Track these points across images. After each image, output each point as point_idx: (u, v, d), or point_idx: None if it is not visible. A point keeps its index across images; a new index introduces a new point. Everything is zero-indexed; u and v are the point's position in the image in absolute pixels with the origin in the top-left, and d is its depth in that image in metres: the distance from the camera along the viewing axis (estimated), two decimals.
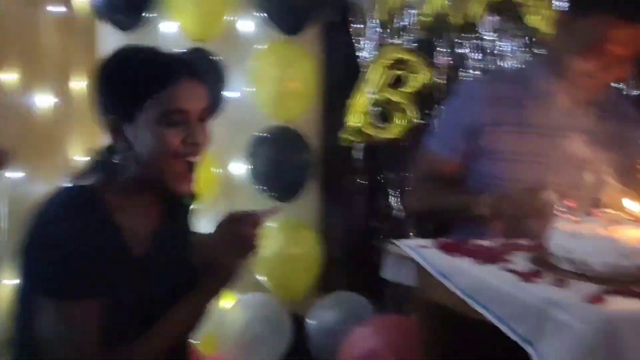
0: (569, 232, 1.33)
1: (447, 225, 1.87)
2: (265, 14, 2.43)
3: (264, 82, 2.44)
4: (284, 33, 2.42)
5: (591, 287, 1.19)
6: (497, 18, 2.48)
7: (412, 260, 1.57)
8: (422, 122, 2.51)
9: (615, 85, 1.67)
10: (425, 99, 2.53)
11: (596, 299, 1.12)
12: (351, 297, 2.43)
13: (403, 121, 2.48)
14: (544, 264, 1.35)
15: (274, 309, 2.42)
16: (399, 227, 2.52)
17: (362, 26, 2.47)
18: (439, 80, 2.52)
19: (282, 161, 2.43)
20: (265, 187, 2.48)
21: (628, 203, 1.42)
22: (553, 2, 2.43)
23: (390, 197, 2.54)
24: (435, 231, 1.83)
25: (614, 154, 1.71)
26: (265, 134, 2.48)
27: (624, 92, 1.84)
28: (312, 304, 2.46)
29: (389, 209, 2.54)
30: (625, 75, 1.62)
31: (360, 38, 2.47)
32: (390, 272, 1.70)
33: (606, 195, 1.51)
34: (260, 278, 2.47)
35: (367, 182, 2.54)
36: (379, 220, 2.54)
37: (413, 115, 2.48)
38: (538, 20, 2.43)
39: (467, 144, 1.77)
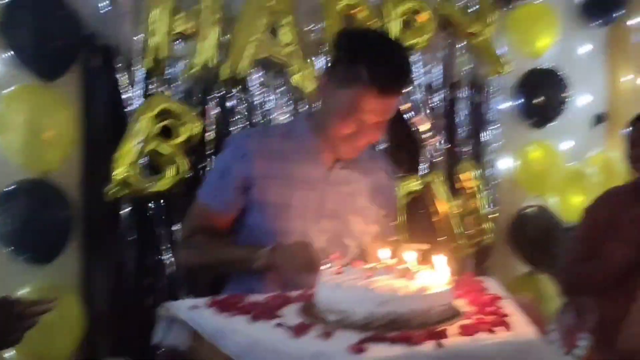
0: (332, 284, 1.42)
1: (223, 281, 1.83)
2: (15, 55, 2.19)
3: (13, 130, 2.18)
4: (38, 76, 2.20)
5: (354, 337, 1.27)
6: (263, 73, 2.56)
7: (185, 322, 1.51)
8: (192, 174, 2.47)
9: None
10: (196, 150, 2.49)
11: (358, 349, 1.21)
12: None
13: (173, 173, 2.40)
14: (313, 316, 1.42)
15: None
16: (172, 285, 2.41)
17: (127, 74, 2.35)
18: (209, 132, 2.50)
19: (35, 218, 2.17)
20: (14, 249, 2.19)
21: (382, 253, 1.54)
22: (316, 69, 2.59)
23: (162, 254, 2.42)
24: (213, 287, 1.77)
25: (375, 205, 1.86)
26: (14, 188, 2.20)
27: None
28: None
29: (161, 266, 2.41)
30: (379, 137, 1.76)
31: (125, 86, 2.35)
32: (161, 336, 1.61)
33: (369, 245, 1.61)
34: (8, 354, 2.14)
35: (136, 239, 2.39)
36: (151, 280, 2.39)
37: (183, 167, 2.41)
38: (301, 79, 2.56)
39: (237, 196, 1.78)
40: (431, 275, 1.51)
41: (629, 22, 3.54)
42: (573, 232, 2.41)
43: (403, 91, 1.71)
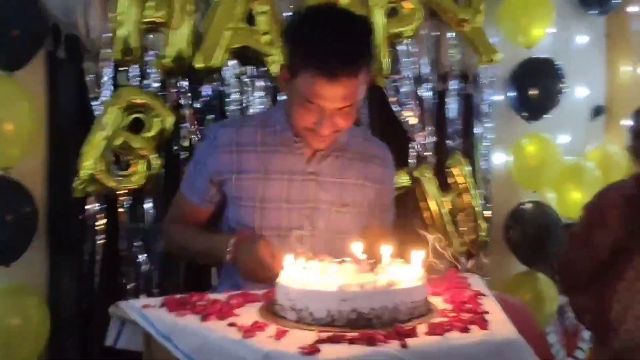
0: (291, 280, 1.34)
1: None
2: None
3: None
4: None
5: (310, 337, 1.19)
6: (239, 64, 2.45)
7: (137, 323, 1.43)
8: (165, 168, 2.36)
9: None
10: (169, 145, 2.39)
11: (311, 350, 1.13)
12: None
13: (144, 168, 2.29)
14: (270, 315, 1.35)
15: None
16: (142, 285, 2.31)
17: (94, 65, 2.25)
18: (183, 125, 2.39)
19: None
20: None
21: (354, 247, 1.44)
22: None
23: (131, 253, 2.31)
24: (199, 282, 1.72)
25: (365, 196, 1.77)
26: None
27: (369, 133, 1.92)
28: None
29: (129, 266, 2.30)
30: (346, 125, 1.66)
31: (92, 78, 2.24)
32: (114, 337, 1.53)
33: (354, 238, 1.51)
34: None
35: (104, 238, 2.28)
36: (119, 279, 2.29)
37: (155, 161, 2.30)
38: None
39: (213, 190, 1.75)
40: (403, 270, 1.41)
41: (628, 9, 3.42)
42: (571, 229, 2.33)
43: (357, 74, 1.59)
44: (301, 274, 1.36)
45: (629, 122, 2.29)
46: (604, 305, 2.00)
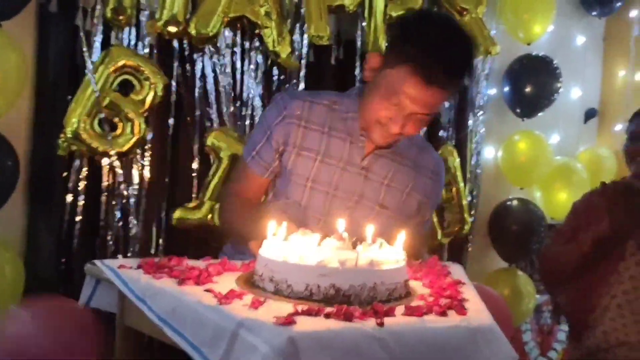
0: (271, 252, 1.33)
1: None
2: None
3: None
4: None
5: (287, 308, 1.18)
6: (234, 34, 2.41)
7: (113, 282, 1.41)
8: (152, 136, 2.33)
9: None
10: (159, 110, 2.35)
11: (286, 321, 1.11)
12: None
13: (130, 133, 2.25)
14: (248, 285, 1.34)
15: None
16: (123, 247, 2.28)
17: (86, 21, 2.20)
18: (175, 91, 2.36)
19: None
20: None
21: (339, 224, 1.41)
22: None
23: (109, 213, 2.27)
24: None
25: (407, 203, 1.73)
26: None
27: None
28: None
29: (108, 227, 2.27)
30: (415, 132, 1.66)
31: (84, 34, 2.19)
32: (86, 297, 1.51)
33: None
34: None
35: (86, 198, 2.24)
36: (97, 239, 2.26)
37: (141, 126, 2.26)
38: (277, 42, 2.41)
39: (275, 159, 1.74)
40: (384, 251, 1.39)
41: (630, 14, 3.41)
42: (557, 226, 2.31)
43: (450, 88, 1.59)
44: (283, 247, 1.33)
45: (623, 126, 2.28)
46: (584, 302, 2.00)
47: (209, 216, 2.37)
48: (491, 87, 3.14)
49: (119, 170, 2.27)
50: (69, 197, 2.21)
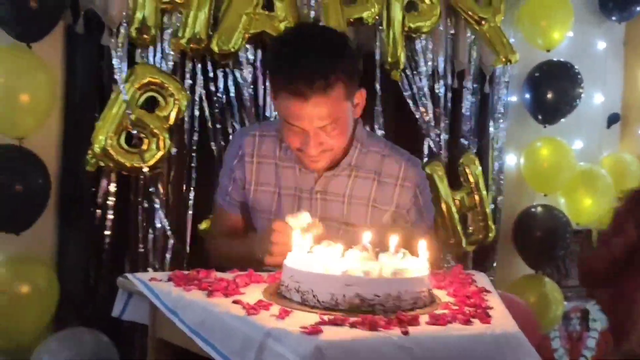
0: (297, 263, 1.35)
1: None
2: None
3: None
4: (17, 39, 2.10)
5: (313, 318, 1.20)
6: (256, 50, 2.45)
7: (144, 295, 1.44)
8: (176, 151, 2.38)
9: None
10: (183, 125, 2.40)
11: (313, 330, 1.13)
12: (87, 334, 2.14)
13: (156, 149, 2.30)
14: (275, 296, 1.36)
15: None
16: (151, 259, 2.32)
17: (112, 41, 2.26)
18: (199, 108, 2.40)
19: (9, 186, 2.08)
20: None
21: (365, 236, 1.43)
22: None
23: (138, 228, 2.32)
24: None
25: (375, 212, 1.72)
26: None
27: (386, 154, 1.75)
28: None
29: (136, 240, 2.31)
30: (332, 144, 1.61)
31: (110, 53, 2.25)
32: (119, 309, 1.54)
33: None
34: None
35: (113, 212, 2.30)
36: (126, 253, 2.31)
37: (167, 142, 2.31)
38: None
39: (242, 197, 1.76)
40: (408, 261, 1.41)
41: None
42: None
43: (327, 90, 1.52)
44: (308, 257, 1.36)
45: None
46: (621, 308, 1.99)
47: None
48: (512, 94, 3.15)
49: (146, 185, 2.32)
50: (98, 212, 2.27)
